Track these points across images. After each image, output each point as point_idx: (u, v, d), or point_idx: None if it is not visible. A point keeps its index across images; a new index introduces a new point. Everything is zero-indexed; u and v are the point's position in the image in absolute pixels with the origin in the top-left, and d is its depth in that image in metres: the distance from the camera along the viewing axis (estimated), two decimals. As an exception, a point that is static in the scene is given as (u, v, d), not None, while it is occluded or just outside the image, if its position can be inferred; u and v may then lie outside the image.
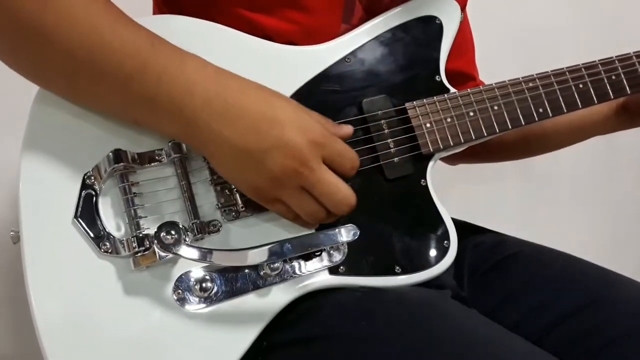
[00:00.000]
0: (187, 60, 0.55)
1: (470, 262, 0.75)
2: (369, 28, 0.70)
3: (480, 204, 1.24)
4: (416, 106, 0.68)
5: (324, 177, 0.56)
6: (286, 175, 0.55)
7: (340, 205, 0.57)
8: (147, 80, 0.53)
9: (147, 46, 0.54)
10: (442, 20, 0.72)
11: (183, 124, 0.55)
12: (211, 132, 0.54)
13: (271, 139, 0.54)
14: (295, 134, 0.55)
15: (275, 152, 0.54)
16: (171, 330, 0.56)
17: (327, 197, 0.57)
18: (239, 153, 0.54)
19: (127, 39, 0.53)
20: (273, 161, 0.54)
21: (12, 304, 0.95)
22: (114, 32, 0.53)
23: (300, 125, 0.55)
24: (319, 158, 0.56)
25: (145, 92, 0.54)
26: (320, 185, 0.56)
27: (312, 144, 0.55)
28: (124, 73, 0.53)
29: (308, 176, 0.55)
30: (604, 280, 0.69)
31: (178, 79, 0.54)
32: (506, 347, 0.56)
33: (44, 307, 0.54)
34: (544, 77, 0.73)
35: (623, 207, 1.47)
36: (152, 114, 0.55)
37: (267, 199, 0.57)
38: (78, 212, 0.57)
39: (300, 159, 0.55)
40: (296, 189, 0.56)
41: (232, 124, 0.54)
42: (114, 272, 0.56)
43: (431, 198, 0.67)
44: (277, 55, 0.66)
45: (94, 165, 0.58)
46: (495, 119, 0.70)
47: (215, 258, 0.56)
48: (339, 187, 0.57)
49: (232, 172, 0.57)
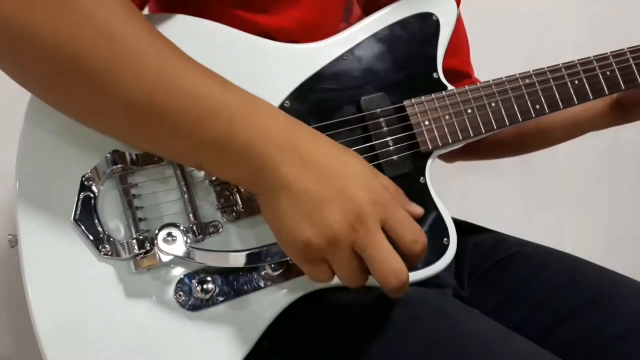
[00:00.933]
0: (260, 105, 0.53)
1: (470, 262, 0.76)
2: (366, 25, 0.70)
3: (480, 203, 1.25)
4: (415, 104, 0.68)
5: (379, 240, 0.51)
6: (341, 230, 0.50)
7: (389, 277, 0.51)
8: (220, 124, 0.50)
9: (219, 88, 0.51)
10: (439, 17, 0.72)
11: (251, 169, 0.51)
12: (277, 174, 0.51)
13: (334, 191, 0.51)
14: (357, 189, 0.51)
15: (335, 205, 0.51)
16: (173, 332, 0.56)
17: (377, 264, 0.51)
18: (299, 199, 0.51)
19: (197, 79, 0.51)
20: (331, 214, 0.50)
21: (12, 306, 0.95)
22: (185, 71, 0.50)
23: (364, 183, 0.52)
24: (378, 220, 0.51)
25: (218, 135, 0.50)
26: (374, 249, 0.51)
27: (373, 203, 0.51)
28: (194, 116, 0.50)
29: (364, 235, 0.51)
30: (605, 280, 0.70)
31: (253, 124, 0.51)
32: (506, 346, 0.56)
33: (43, 311, 0.54)
34: (540, 73, 0.73)
35: (623, 207, 1.48)
36: (221, 159, 0.52)
37: (312, 257, 0.52)
38: (77, 214, 0.56)
39: (358, 216, 0.51)
40: (346, 248, 0.51)
41: (301, 170, 0.51)
42: (114, 274, 0.56)
43: (430, 196, 0.67)
44: (275, 53, 0.66)
45: (92, 167, 0.57)
46: (492, 115, 0.70)
47: (216, 260, 0.55)
48: (394, 256, 0.51)
49: (283, 221, 0.52)
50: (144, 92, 0.49)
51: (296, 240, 0.51)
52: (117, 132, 0.54)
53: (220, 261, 0.57)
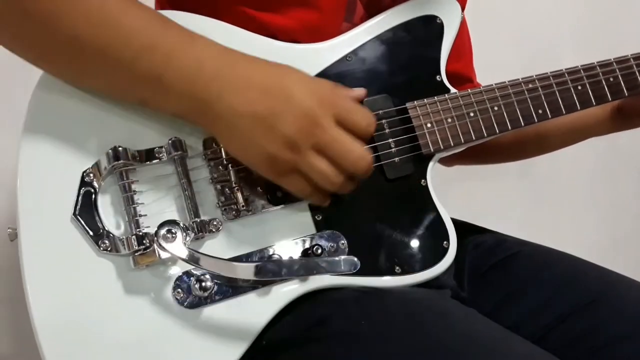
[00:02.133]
0: (196, 39, 0.55)
1: (470, 262, 0.75)
2: (370, 27, 0.70)
3: (480, 204, 1.25)
4: (417, 106, 0.68)
5: (337, 136, 0.55)
6: (299, 135, 0.54)
7: (357, 164, 0.56)
8: (156, 58, 0.53)
9: (157, 25, 0.54)
10: (443, 20, 0.72)
11: (192, 101, 0.54)
12: (221, 105, 0.54)
13: (281, 103, 0.54)
14: (304, 95, 0.55)
15: (286, 115, 0.54)
16: (171, 330, 0.56)
17: (342, 156, 0.55)
18: (250, 121, 0.54)
19: (136, 16, 0.53)
20: (285, 124, 0.54)
21: (10, 303, 0.95)
22: (123, 10, 0.53)
23: (308, 87, 0.55)
24: (331, 117, 0.55)
25: (154, 69, 0.53)
26: (335, 144, 0.55)
27: (322, 103, 0.55)
28: (132, 50, 0.53)
29: (321, 135, 0.55)
30: (605, 280, 0.70)
31: (187, 55, 0.54)
32: (506, 346, 0.56)
33: (41, 306, 0.54)
34: (544, 78, 0.73)
35: (623, 207, 1.48)
36: (161, 92, 0.55)
37: (282, 169, 0.56)
38: (77, 209, 0.56)
39: (311, 119, 0.54)
40: (311, 151, 0.55)
41: (242, 94, 0.54)
42: (113, 270, 0.56)
43: (431, 198, 0.67)
44: (278, 53, 0.65)
45: (93, 163, 0.57)
46: (495, 119, 0.70)
47: (214, 268, 0.56)
48: (354, 145, 0.56)
49: (244, 146, 0.56)
50: (85, 28, 0.52)
51: (262, 160, 0.55)
52: (63, 71, 0.57)
53: (226, 271, 0.57)
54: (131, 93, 0.57)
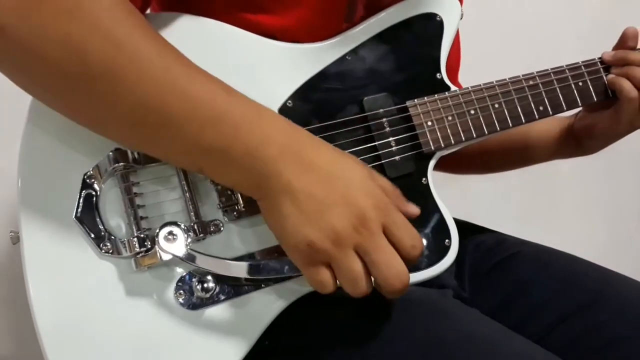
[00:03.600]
0: (263, 112, 0.53)
1: (471, 262, 0.76)
2: (369, 25, 0.70)
3: (481, 204, 1.25)
4: (417, 104, 0.68)
5: (383, 244, 0.52)
6: (346, 232, 0.51)
7: (393, 279, 0.52)
8: (223, 131, 0.51)
9: (223, 94, 0.52)
10: (443, 18, 0.72)
11: (253, 175, 0.52)
12: (279, 181, 0.52)
13: (337, 195, 0.52)
14: (359, 194, 0.52)
15: (339, 208, 0.52)
16: (173, 331, 0.56)
17: (381, 267, 0.52)
18: (303, 202, 0.51)
19: (202, 85, 0.51)
20: (335, 216, 0.51)
21: (12, 305, 0.95)
22: (189, 77, 0.51)
23: (365, 187, 0.53)
24: (380, 225, 0.52)
25: (220, 142, 0.51)
26: (378, 252, 0.52)
27: (376, 208, 0.52)
28: (198, 122, 0.50)
29: (368, 239, 0.52)
30: (605, 280, 0.70)
31: (255, 130, 0.51)
32: (506, 346, 0.57)
33: (44, 308, 0.54)
34: (544, 75, 0.73)
35: (624, 207, 1.48)
36: (223, 164, 0.52)
37: (316, 259, 0.53)
38: (78, 212, 0.56)
39: (362, 220, 0.52)
40: (350, 251, 0.52)
41: (303, 175, 0.52)
42: (115, 272, 0.56)
43: (432, 197, 0.67)
44: (278, 53, 0.65)
45: (94, 165, 0.57)
46: (496, 116, 0.70)
47: (214, 267, 0.56)
48: (397, 260, 0.52)
49: (286, 224, 0.52)
50: (148, 97, 0.49)
51: (300, 243, 0.52)
52: (120, 136, 0.55)
53: (221, 269, 0.57)
54: (190, 162, 0.55)
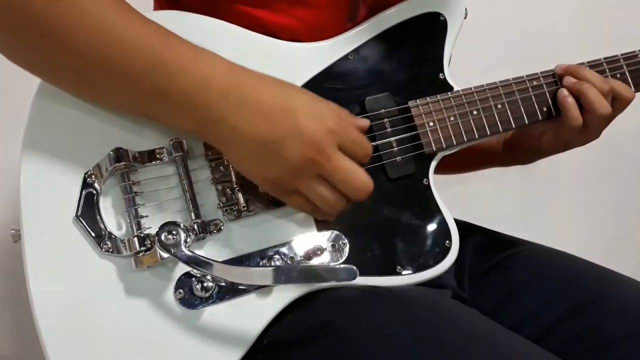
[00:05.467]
0: (200, 55, 0.55)
1: (470, 262, 0.75)
2: (372, 25, 0.69)
3: (480, 204, 1.24)
4: (419, 105, 0.67)
5: (341, 164, 0.56)
6: (303, 164, 0.54)
7: (359, 191, 0.57)
8: (159, 77, 0.53)
9: (159, 42, 0.53)
10: (447, 17, 0.71)
11: (198, 120, 0.54)
12: (227, 127, 0.54)
13: (286, 129, 0.54)
14: (310, 122, 0.54)
15: (291, 142, 0.54)
16: (172, 330, 0.57)
17: (345, 184, 0.56)
18: (254, 146, 0.54)
19: (138, 34, 0.53)
20: (289, 151, 0.54)
21: (13, 304, 0.96)
22: (126, 28, 0.53)
23: (315, 114, 0.55)
24: (335, 146, 0.55)
25: (158, 88, 0.53)
26: (338, 173, 0.55)
27: (328, 131, 0.55)
28: (136, 69, 0.53)
29: (325, 164, 0.55)
30: (605, 280, 0.70)
31: (192, 74, 0.53)
32: (506, 345, 0.56)
33: (45, 307, 0.54)
34: (548, 75, 0.73)
35: (624, 207, 1.47)
36: (165, 110, 0.55)
37: (284, 191, 0.57)
38: (79, 211, 0.57)
39: (316, 147, 0.54)
40: (313, 178, 0.56)
41: (248, 118, 0.54)
42: (115, 271, 0.56)
43: (433, 197, 0.67)
44: (280, 52, 0.65)
45: (94, 164, 0.58)
46: (498, 117, 0.70)
47: (216, 271, 0.55)
48: (358, 173, 0.56)
49: (248, 166, 0.56)
50: (88, 47, 0.52)
51: (264, 181, 0.56)
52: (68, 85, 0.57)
53: (227, 274, 0.57)
54: (136, 109, 0.57)
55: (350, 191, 0.56)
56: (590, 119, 0.71)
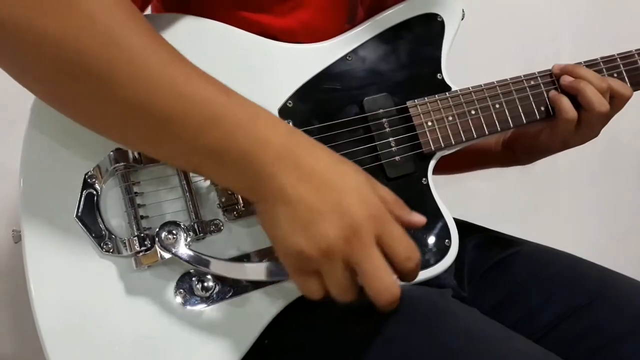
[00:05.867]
0: (260, 114, 0.52)
1: (470, 262, 0.75)
2: (370, 26, 0.70)
3: (480, 203, 1.25)
4: (418, 104, 0.68)
5: (374, 256, 0.50)
6: (336, 242, 0.50)
7: (382, 292, 0.50)
8: (220, 132, 0.50)
9: (220, 95, 0.51)
10: (444, 18, 0.72)
11: (248, 177, 0.51)
12: (274, 185, 0.50)
13: (331, 204, 0.50)
14: (354, 203, 0.50)
15: (331, 217, 0.50)
16: (173, 330, 0.57)
17: (371, 279, 0.50)
18: (295, 209, 0.50)
19: (198, 85, 0.50)
20: (327, 226, 0.50)
21: (14, 304, 0.96)
22: (186, 78, 0.50)
23: (361, 196, 0.51)
24: (373, 235, 0.51)
25: (217, 144, 0.50)
26: (368, 264, 0.50)
27: (370, 218, 0.50)
28: (194, 123, 0.49)
29: (358, 250, 0.50)
30: (605, 280, 0.70)
31: (252, 133, 0.50)
32: (506, 345, 0.56)
33: (45, 307, 0.54)
34: (546, 75, 0.73)
35: (624, 206, 1.47)
36: (219, 166, 0.51)
37: (306, 269, 0.52)
38: (79, 211, 0.57)
39: (354, 230, 0.50)
40: (339, 262, 0.50)
41: (298, 181, 0.50)
42: (115, 271, 0.57)
43: (432, 197, 0.67)
44: (278, 53, 0.66)
45: (95, 165, 0.58)
46: (496, 117, 0.70)
47: (216, 268, 0.56)
48: (387, 273, 0.51)
49: (277, 230, 0.51)
50: (144, 96, 0.49)
51: (290, 250, 0.51)
52: (115, 135, 0.54)
53: (227, 271, 0.57)
54: (186, 163, 0.54)
55: (374, 289, 0.50)
56: (589, 116, 0.71)
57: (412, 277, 0.53)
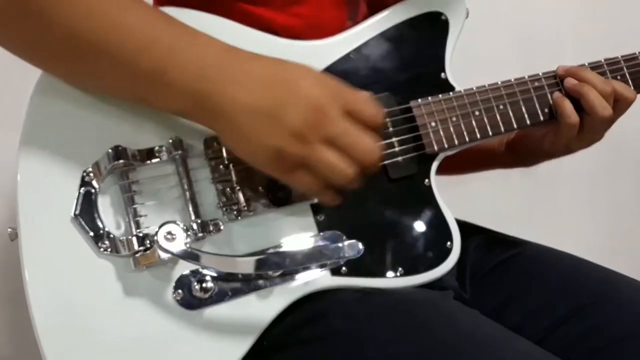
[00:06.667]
0: (198, 35, 0.54)
1: (472, 263, 0.75)
2: (374, 24, 0.69)
3: (482, 204, 1.24)
4: (421, 105, 0.67)
5: (346, 126, 0.53)
6: (307, 127, 0.52)
7: (367, 154, 0.54)
8: (157, 54, 0.52)
9: (158, 21, 0.53)
10: (448, 17, 0.71)
11: (194, 96, 0.53)
12: (224, 99, 0.52)
13: (287, 93, 0.52)
14: (312, 86, 0.53)
15: (293, 106, 0.52)
16: (171, 331, 0.56)
17: (353, 147, 0.53)
18: (255, 115, 0.52)
19: (136, 13, 0.53)
20: (292, 115, 0.51)
21: (11, 302, 0.95)
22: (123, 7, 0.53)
23: (316, 78, 0.54)
24: (340, 108, 0.53)
25: (156, 66, 0.52)
26: (345, 136, 0.53)
27: (331, 94, 0.53)
28: (132, 48, 0.52)
29: (330, 127, 0.52)
30: (607, 281, 0.70)
31: (190, 50, 0.53)
32: (508, 346, 0.56)
33: (42, 307, 0.54)
34: (550, 76, 0.72)
35: (625, 207, 1.47)
36: (162, 88, 0.53)
37: (290, 165, 0.53)
38: (77, 209, 0.56)
39: (320, 110, 0.52)
40: (320, 142, 0.52)
41: (246, 86, 0.52)
42: (113, 271, 0.56)
43: (435, 198, 0.66)
44: (280, 49, 0.64)
45: (93, 162, 0.57)
46: (500, 118, 0.69)
47: (216, 264, 0.55)
48: (364, 136, 0.54)
49: (248, 143, 0.53)
50: (84, 25, 0.51)
51: (267, 155, 0.52)
52: (59, 68, 0.56)
53: (227, 267, 0.57)
54: (131, 91, 0.56)
55: (359, 154, 0.53)
56: (592, 120, 0.70)
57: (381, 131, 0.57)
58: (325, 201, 0.58)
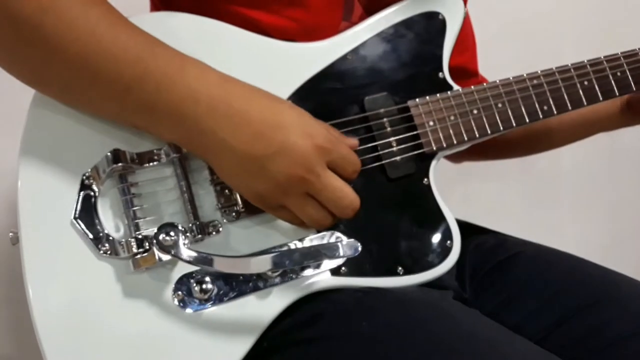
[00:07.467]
0: (187, 66, 0.54)
1: (471, 263, 0.75)
2: (371, 24, 0.69)
3: (482, 204, 1.24)
4: (419, 104, 0.67)
5: (330, 182, 0.56)
6: (291, 182, 0.54)
7: (346, 209, 0.57)
8: (146, 89, 0.52)
9: (147, 52, 0.53)
10: (445, 16, 0.71)
11: (185, 131, 0.54)
12: (215, 140, 0.53)
13: (275, 145, 0.54)
14: (299, 139, 0.54)
15: (279, 158, 0.53)
16: (171, 333, 0.56)
17: (333, 202, 0.56)
18: (242, 160, 0.54)
19: (126, 45, 0.52)
20: (277, 168, 0.54)
21: (13, 305, 0.96)
22: (114, 39, 0.52)
23: (304, 130, 0.55)
24: (324, 163, 0.55)
25: (145, 100, 0.53)
26: (327, 192, 0.56)
27: (318, 148, 0.55)
28: (123, 81, 0.52)
29: (314, 182, 0.55)
30: (607, 281, 0.69)
31: (178, 86, 0.53)
32: (507, 346, 0.56)
33: (43, 309, 0.54)
34: (549, 74, 0.72)
35: (625, 207, 1.46)
36: (152, 121, 0.54)
37: (271, 206, 0.57)
38: (77, 212, 0.56)
39: (305, 165, 0.54)
40: (301, 196, 0.56)
41: (237, 131, 0.53)
42: (113, 273, 0.56)
43: (434, 197, 0.66)
44: (278, 52, 0.65)
45: (92, 166, 0.57)
46: (499, 116, 0.69)
47: (216, 264, 0.55)
48: (345, 191, 0.57)
49: (234, 179, 0.56)
50: (75, 57, 0.52)
51: (252, 195, 0.56)
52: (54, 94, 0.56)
53: (225, 266, 0.57)
54: (122, 119, 0.57)
55: (338, 209, 0.57)
56: None
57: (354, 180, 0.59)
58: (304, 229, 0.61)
